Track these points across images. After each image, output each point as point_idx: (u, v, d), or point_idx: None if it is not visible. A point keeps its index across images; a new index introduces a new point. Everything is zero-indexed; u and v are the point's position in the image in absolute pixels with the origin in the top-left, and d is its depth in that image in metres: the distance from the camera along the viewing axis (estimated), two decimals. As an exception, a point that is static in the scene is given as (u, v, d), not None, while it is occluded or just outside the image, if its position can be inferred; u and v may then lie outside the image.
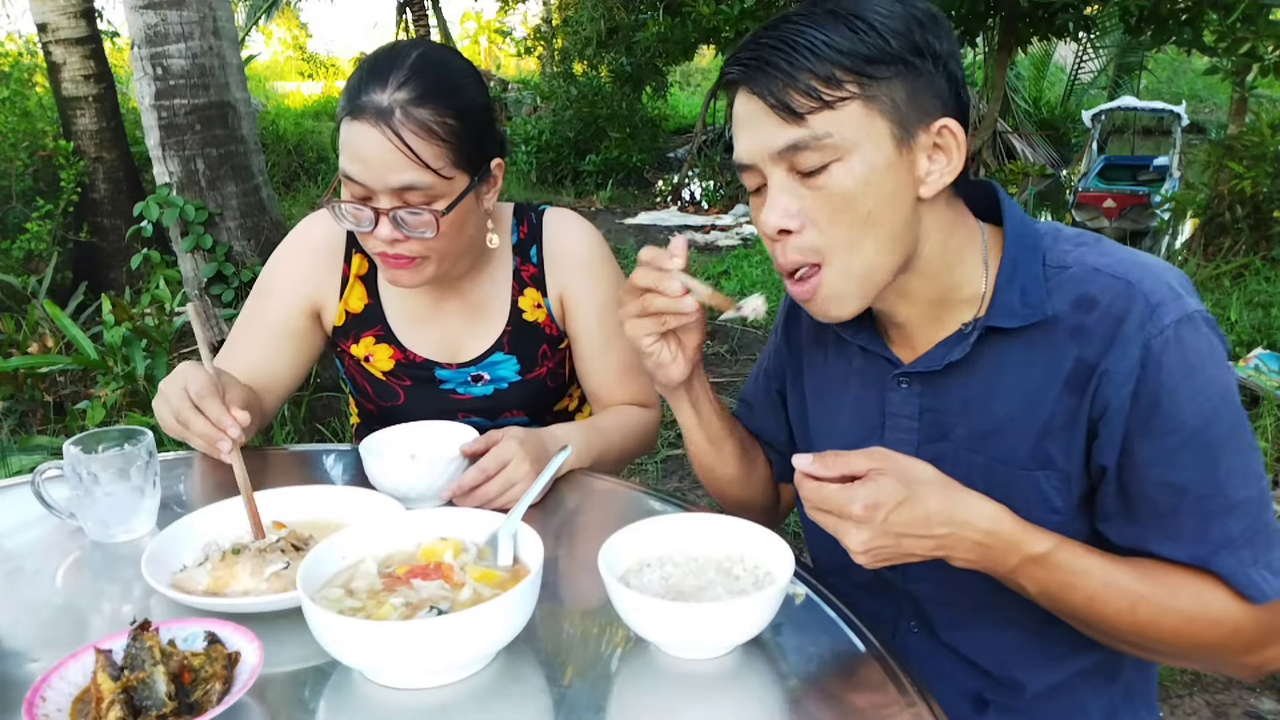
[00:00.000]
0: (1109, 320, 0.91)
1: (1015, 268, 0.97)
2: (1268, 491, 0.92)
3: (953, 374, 1.01)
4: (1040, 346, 0.95)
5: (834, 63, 0.88)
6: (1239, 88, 5.72)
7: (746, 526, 1.00)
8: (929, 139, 0.92)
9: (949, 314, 1.01)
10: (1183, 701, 2.27)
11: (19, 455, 3.07)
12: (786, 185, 0.92)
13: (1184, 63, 14.74)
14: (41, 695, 0.78)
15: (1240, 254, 5.38)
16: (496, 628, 0.84)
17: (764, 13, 6.44)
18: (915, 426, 1.03)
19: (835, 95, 0.88)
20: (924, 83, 0.90)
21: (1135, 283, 0.92)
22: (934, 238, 0.97)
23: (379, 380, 1.49)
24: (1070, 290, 0.94)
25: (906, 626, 1.12)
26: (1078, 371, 0.93)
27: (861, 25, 0.89)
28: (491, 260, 1.47)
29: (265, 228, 3.75)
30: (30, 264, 5.21)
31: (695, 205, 9.52)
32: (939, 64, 0.91)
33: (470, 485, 1.18)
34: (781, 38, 0.90)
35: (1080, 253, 0.96)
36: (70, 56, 5.22)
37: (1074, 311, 0.94)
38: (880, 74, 0.89)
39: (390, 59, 1.24)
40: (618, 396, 1.51)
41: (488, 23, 18.13)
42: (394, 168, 1.21)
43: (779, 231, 0.94)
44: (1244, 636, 0.90)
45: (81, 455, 1.12)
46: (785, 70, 0.89)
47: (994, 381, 0.98)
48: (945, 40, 0.92)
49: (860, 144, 0.89)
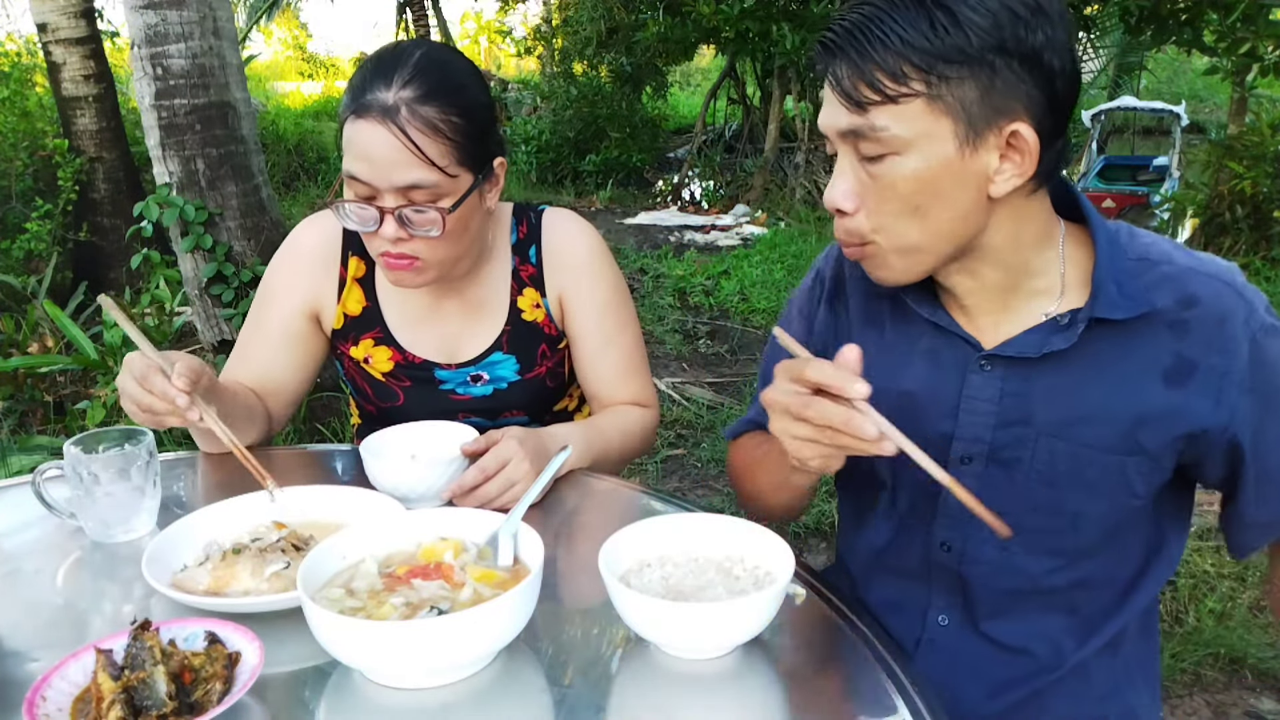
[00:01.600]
0: (1212, 318, 0.95)
1: (1112, 262, 0.97)
2: None
3: (1046, 361, 1.00)
4: (1139, 338, 0.97)
5: (904, 57, 0.86)
6: (1239, 88, 5.72)
7: (746, 526, 1.00)
8: (999, 140, 0.90)
9: (1021, 302, 1.01)
10: (1183, 701, 2.27)
11: (19, 455, 3.08)
12: (851, 165, 0.94)
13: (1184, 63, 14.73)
14: (42, 695, 0.78)
15: (1240, 254, 5.38)
16: (496, 628, 0.84)
17: (764, 12, 6.44)
18: (994, 410, 1.02)
19: (899, 90, 0.87)
20: (1001, 82, 0.87)
21: (1230, 282, 0.96)
22: (1006, 228, 0.96)
23: (378, 382, 1.49)
24: (1172, 286, 0.96)
25: (935, 621, 1.12)
26: (1179, 366, 0.95)
27: (943, 19, 0.85)
28: (490, 260, 1.47)
29: (265, 228, 3.75)
30: (30, 264, 5.21)
31: (695, 205, 9.51)
32: (1029, 61, 0.87)
33: (470, 485, 1.18)
34: (860, 21, 0.88)
35: (1162, 249, 0.99)
36: (70, 56, 5.22)
37: (1176, 307, 0.96)
38: (952, 73, 0.86)
39: (394, 58, 1.24)
40: (617, 396, 1.51)
41: (488, 23, 18.12)
42: (400, 166, 1.21)
43: (836, 209, 0.96)
44: None
45: (82, 455, 1.12)
46: (855, 57, 0.88)
47: (1089, 371, 0.99)
48: (1046, 31, 0.87)
49: (918, 141, 0.89)
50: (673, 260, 6.60)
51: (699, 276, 6.04)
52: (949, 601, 1.11)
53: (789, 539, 2.44)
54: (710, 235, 8.07)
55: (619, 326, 1.50)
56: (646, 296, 5.79)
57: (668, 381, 4.36)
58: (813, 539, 3.06)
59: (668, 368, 4.66)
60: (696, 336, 5.16)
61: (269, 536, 1.08)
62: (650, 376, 1.56)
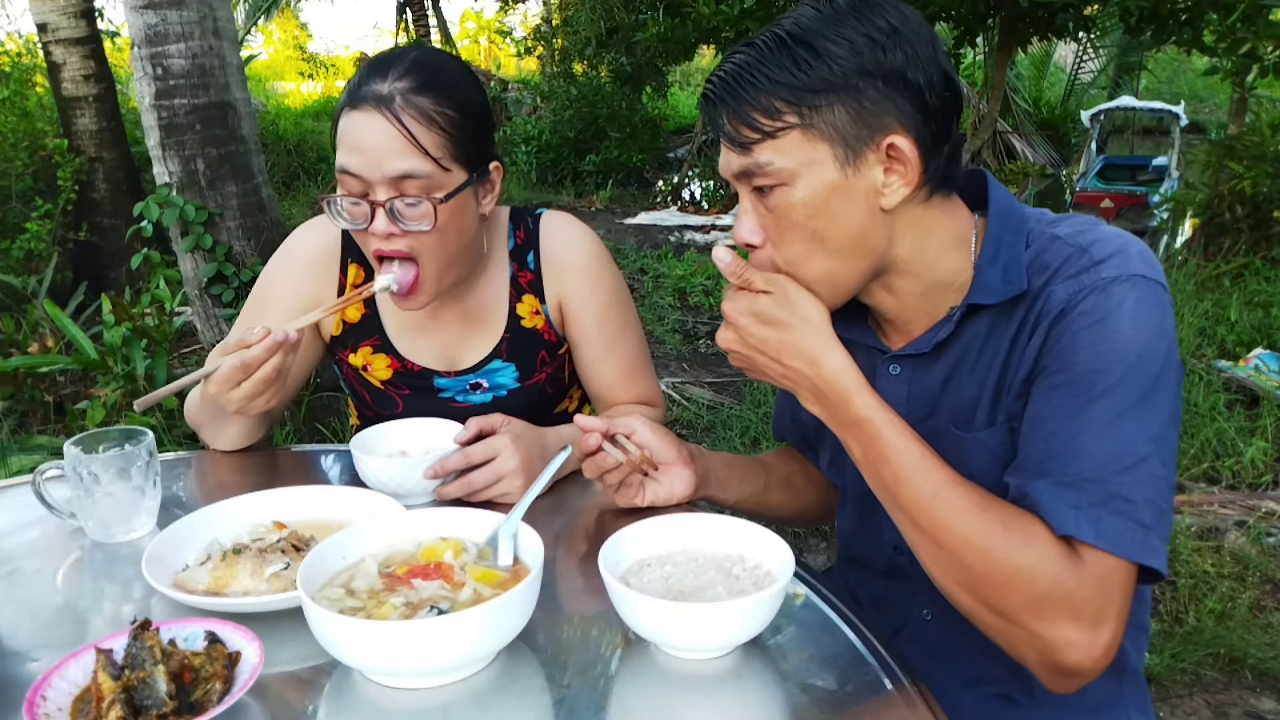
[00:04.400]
0: (1054, 280, 0.94)
1: (999, 249, 0.99)
2: (1141, 465, 0.86)
3: (938, 354, 1.05)
4: (1004, 315, 0.99)
5: (774, 95, 0.92)
6: (1239, 88, 5.72)
7: (746, 526, 1.00)
8: (879, 154, 0.94)
9: (939, 304, 1.04)
10: (1183, 701, 2.27)
11: (19, 455, 3.07)
12: (750, 203, 0.99)
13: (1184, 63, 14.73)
14: (42, 694, 0.78)
15: (1240, 254, 5.38)
16: (496, 628, 0.85)
17: (764, 13, 6.44)
18: (905, 411, 1.04)
19: (775, 125, 0.93)
20: (869, 102, 0.92)
21: (1086, 245, 0.94)
22: (910, 239, 0.99)
23: (377, 389, 1.49)
24: (1030, 259, 0.98)
25: (919, 615, 1.13)
26: (1020, 329, 0.97)
27: (804, 55, 0.92)
28: (488, 267, 1.46)
29: (265, 228, 3.75)
30: (30, 264, 5.20)
31: (695, 205, 9.51)
32: (892, 80, 0.92)
33: (453, 467, 1.19)
34: (734, 70, 0.95)
35: (1053, 227, 0.99)
36: (70, 56, 5.22)
37: (1032, 278, 0.97)
38: (821, 101, 0.92)
39: (390, 56, 1.26)
40: (622, 397, 1.51)
41: (488, 22, 18.14)
42: (393, 154, 1.20)
43: (746, 245, 1.01)
44: (1036, 585, 0.84)
45: (82, 455, 1.12)
46: (732, 104, 0.95)
47: (968, 356, 1.02)
48: (906, 50, 0.92)
49: (802, 169, 0.93)
50: (673, 260, 6.60)
51: (699, 276, 6.04)
52: (932, 596, 1.10)
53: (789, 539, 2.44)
54: (710, 235, 8.07)
55: (620, 329, 1.49)
56: (646, 296, 5.80)
57: (668, 381, 4.37)
58: (813, 539, 3.06)
59: (668, 368, 4.67)
60: (696, 336, 5.16)
61: (269, 536, 1.08)
62: (654, 375, 1.56)
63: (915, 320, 1.06)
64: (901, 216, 0.97)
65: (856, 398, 0.94)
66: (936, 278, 1.02)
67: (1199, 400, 3.60)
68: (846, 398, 0.94)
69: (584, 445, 1.16)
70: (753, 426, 3.71)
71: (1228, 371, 3.91)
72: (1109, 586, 0.84)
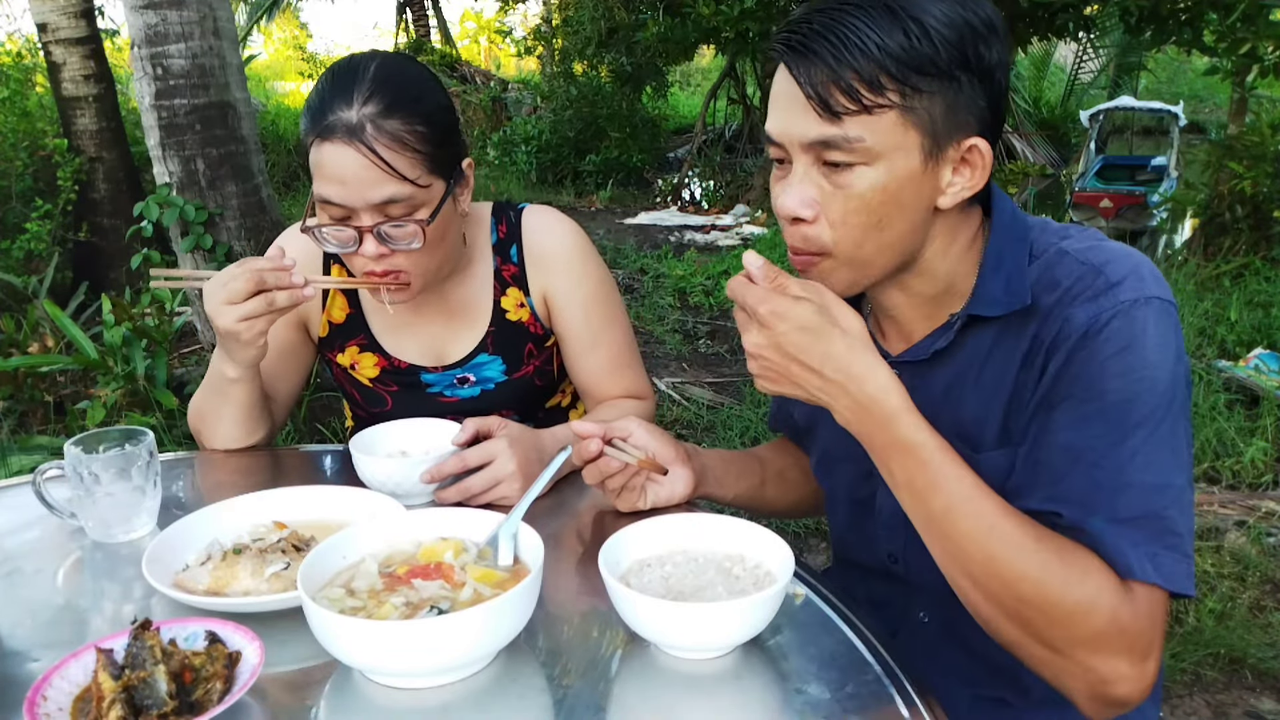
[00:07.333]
0: (1067, 300, 0.91)
1: (1001, 259, 0.97)
2: (1181, 495, 0.86)
3: (938, 363, 1.02)
4: (1012, 332, 0.96)
5: (881, 66, 0.86)
6: (1239, 88, 5.72)
7: (746, 526, 1.00)
8: (957, 154, 0.91)
9: (943, 309, 1.02)
10: (1183, 701, 2.27)
11: (19, 455, 3.07)
12: (809, 174, 0.92)
13: (1184, 63, 14.73)
14: (42, 694, 0.78)
15: (1240, 254, 5.38)
16: (496, 628, 0.85)
17: (764, 12, 6.44)
18: None
19: (875, 101, 0.87)
20: (964, 98, 0.89)
21: (1099, 265, 0.92)
22: (940, 241, 0.97)
23: (366, 387, 1.49)
24: (1038, 274, 0.95)
25: (916, 617, 1.12)
26: (1033, 348, 0.93)
27: (916, 30, 0.85)
28: (471, 261, 1.46)
29: (265, 228, 3.75)
30: (30, 264, 5.21)
31: (695, 205, 9.52)
32: (984, 78, 0.89)
33: (450, 471, 1.19)
34: (834, 26, 0.87)
35: (1061, 241, 0.97)
36: (70, 56, 5.21)
37: (1041, 294, 0.94)
38: (924, 86, 0.87)
39: (350, 74, 1.23)
40: (610, 391, 1.51)
41: (488, 22, 18.11)
42: (373, 184, 1.21)
43: (791, 217, 0.94)
44: (1092, 620, 0.83)
45: (82, 455, 1.12)
46: (830, 63, 0.86)
47: (973, 369, 0.99)
48: (997, 50, 0.89)
49: (889, 153, 0.89)
50: (673, 260, 6.60)
51: (699, 276, 6.04)
52: (929, 600, 1.10)
53: (789, 539, 2.43)
54: (710, 235, 8.07)
55: (606, 321, 1.49)
56: (646, 296, 5.79)
57: (668, 381, 4.36)
58: (813, 539, 3.06)
59: (668, 368, 4.66)
60: (696, 336, 5.16)
61: (269, 536, 1.08)
62: (642, 368, 1.55)
63: (917, 323, 1.04)
64: (943, 218, 0.95)
65: (904, 419, 0.87)
66: (951, 282, 1.00)
67: (1199, 400, 3.60)
68: (893, 418, 0.87)
69: (584, 451, 1.13)
70: (752, 426, 3.71)
71: (1228, 371, 3.91)
72: (1157, 618, 0.84)
